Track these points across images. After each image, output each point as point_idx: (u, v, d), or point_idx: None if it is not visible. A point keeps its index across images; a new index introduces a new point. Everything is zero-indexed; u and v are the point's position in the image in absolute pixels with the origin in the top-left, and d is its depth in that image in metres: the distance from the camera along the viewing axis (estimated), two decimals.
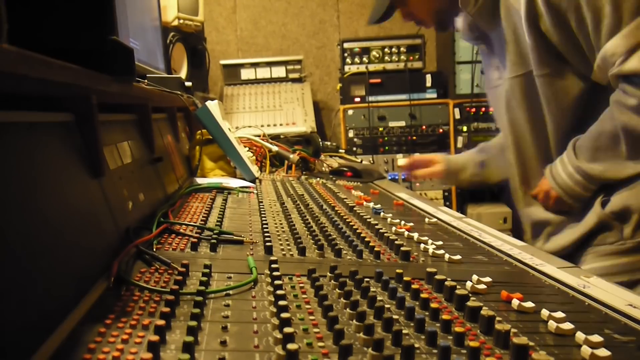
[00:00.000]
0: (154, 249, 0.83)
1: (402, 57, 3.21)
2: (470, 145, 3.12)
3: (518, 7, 1.23)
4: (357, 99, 3.18)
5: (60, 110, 0.73)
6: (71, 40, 0.70)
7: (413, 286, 0.69)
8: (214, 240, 0.87)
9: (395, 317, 0.60)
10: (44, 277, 0.53)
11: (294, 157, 1.94)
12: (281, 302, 0.59)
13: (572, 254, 1.30)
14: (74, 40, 0.70)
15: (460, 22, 1.41)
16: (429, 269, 0.75)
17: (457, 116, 3.15)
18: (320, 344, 0.53)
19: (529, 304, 0.65)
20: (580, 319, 0.62)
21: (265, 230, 0.98)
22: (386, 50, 3.21)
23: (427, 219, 1.20)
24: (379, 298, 0.65)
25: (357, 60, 3.22)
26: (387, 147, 3.16)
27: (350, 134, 3.17)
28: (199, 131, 1.76)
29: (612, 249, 1.24)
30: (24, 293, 0.49)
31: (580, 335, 0.57)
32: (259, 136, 2.07)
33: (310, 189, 1.56)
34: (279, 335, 0.52)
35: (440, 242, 0.96)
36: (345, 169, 2.00)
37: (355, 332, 0.56)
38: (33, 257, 0.52)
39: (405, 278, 0.72)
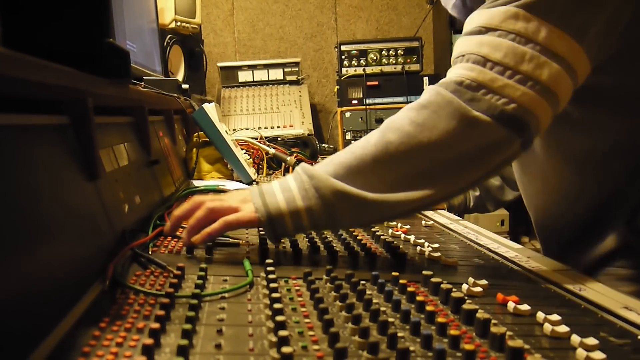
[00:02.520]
0: (150, 252, 0.83)
1: (400, 59, 3.22)
2: None
3: None
4: (355, 102, 3.18)
5: (56, 113, 0.73)
6: (67, 43, 0.70)
7: (409, 289, 0.69)
8: (210, 243, 0.87)
9: (390, 320, 0.60)
10: (39, 280, 0.53)
11: (291, 159, 1.94)
12: (276, 305, 0.59)
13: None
14: (70, 43, 0.70)
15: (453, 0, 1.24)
16: (424, 272, 0.75)
17: None
18: (316, 347, 0.53)
19: (525, 307, 0.65)
20: (575, 321, 0.62)
21: (261, 232, 0.97)
22: (384, 52, 3.21)
23: (423, 222, 1.20)
24: (374, 301, 0.65)
25: (354, 62, 3.22)
26: None
27: (348, 136, 3.17)
28: (196, 133, 1.76)
29: (635, 274, 0.96)
30: (18, 296, 0.48)
31: (575, 338, 0.57)
32: (256, 138, 2.07)
33: None
34: (274, 339, 0.52)
35: (436, 245, 0.96)
36: None
37: (350, 335, 0.56)
38: (28, 260, 0.52)
39: (401, 281, 0.72)
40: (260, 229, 1.00)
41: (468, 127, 0.78)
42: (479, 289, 0.72)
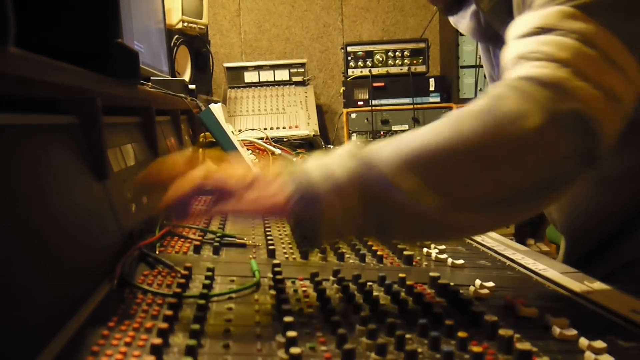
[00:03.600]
0: (157, 252, 0.83)
1: (406, 60, 3.21)
2: None
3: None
4: (361, 103, 3.18)
5: (65, 113, 0.73)
6: (77, 43, 0.70)
7: (416, 290, 0.69)
8: (217, 244, 0.87)
9: (398, 321, 0.60)
10: (48, 280, 0.53)
11: (297, 160, 1.94)
12: (284, 306, 0.59)
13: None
14: (80, 43, 0.70)
15: (466, 22, 1.15)
16: (432, 274, 0.75)
17: None
18: (323, 347, 0.53)
19: (532, 309, 0.65)
20: (583, 324, 0.62)
21: (268, 233, 0.98)
22: (390, 54, 3.21)
23: None
24: (381, 302, 0.64)
25: (360, 63, 3.22)
26: None
27: (354, 137, 3.17)
28: (202, 134, 1.76)
29: None
30: (27, 295, 0.49)
31: (583, 341, 0.56)
32: (262, 139, 2.07)
33: None
34: (282, 339, 0.52)
35: (443, 247, 0.96)
36: None
37: (358, 337, 0.56)
38: (37, 259, 0.52)
39: (408, 282, 0.72)
40: (268, 229, 0.99)
41: (554, 123, 0.66)
42: (485, 291, 0.72)
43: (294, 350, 0.49)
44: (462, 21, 1.13)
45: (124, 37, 1.28)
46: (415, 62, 3.22)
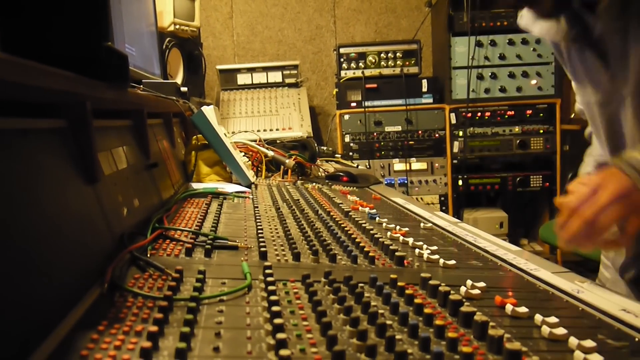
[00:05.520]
0: (148, 255, 0.83)
1: (398, 62, 3.22)
2: (467, 150, 3.13)
3: None
4: (354, 104, 3.19)
5: (55, 117, 0.73)
6: (65, 47, 0.70)
7: (407, 291, 0.69)
8: (209, 246, 0.87)
9: (388, 322, 0.60)
10: (38, 283, 0.53)
11: (290, 162, 1.94)
12: (275, 308, 0.59)
13: None
14: (69, 47, 0.70)
15: (546, 24, 1.10)
16: (423, 274, 0.75)
17: (453, 121, 3.16)
18: (314, 349, 0.53)
19: (523, 309, 0.65)
20: (573, 324, 0.62)
21: (260, 235, 0.98)
22: (382, 55, 3.22)
23: (422, 224, 1.20)
24: (372, 303, 0.65)
25: (353, 65, 3.23)
26: (383, 152, 3.16)
27: (347, 138, 3.18)
28: (195, 136, 1.76)
29: None
30: (16, 299, 0.49)
31: (573, 341, 0.57)
32: (255, 141, 2.07)
33: (306, 194, 1.56)
34: (272, 341, 0.52)
35: (435, 247, 0.96)
36: (341, 173, 2.00)
37: (348, 338, 0.56)
38: (26, 263, 0.52)
39: (399, 283, 0.72)
40: (260, 231, 0.99)
41: None
42: (477, 291, 0.72)
43: (284, 352, 0.49)
44: (538, 24, 1.10)
45: (115, 40, 1.28)
46: (407, 63, 3.23)
